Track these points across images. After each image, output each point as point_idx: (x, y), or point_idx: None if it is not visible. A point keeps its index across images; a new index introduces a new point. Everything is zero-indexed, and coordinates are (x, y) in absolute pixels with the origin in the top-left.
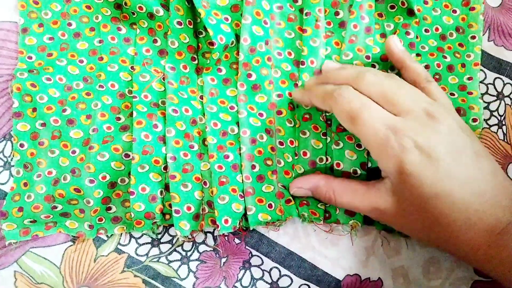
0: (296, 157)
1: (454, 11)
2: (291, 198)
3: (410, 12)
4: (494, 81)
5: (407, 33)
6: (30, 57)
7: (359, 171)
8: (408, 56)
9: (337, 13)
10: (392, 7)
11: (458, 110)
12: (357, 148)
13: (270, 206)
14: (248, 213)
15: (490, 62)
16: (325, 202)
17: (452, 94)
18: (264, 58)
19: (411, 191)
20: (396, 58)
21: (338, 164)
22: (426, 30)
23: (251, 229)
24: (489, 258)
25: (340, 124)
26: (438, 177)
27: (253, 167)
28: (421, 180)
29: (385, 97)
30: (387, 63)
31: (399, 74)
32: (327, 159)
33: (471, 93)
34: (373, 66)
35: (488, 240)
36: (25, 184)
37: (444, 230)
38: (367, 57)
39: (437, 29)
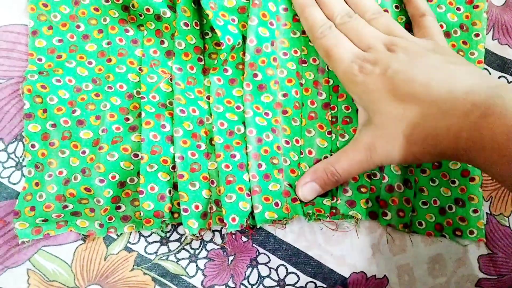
0: (301, 155)
1: (458, 9)
2: (297, 196)
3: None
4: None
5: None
6: (40, 59)
7: None
8: None
9: None
10: (397, 7)
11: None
12: None
13: (276, 204)
14: (255, 211)
15: (495, 60)
16: (331, 184)
17: None
18: (270, 58)
19: (380, 110)
20: None
21: None
22: None
23: (258, 227)
24: (472, 144)
25: (346, 116)
26: (395, 83)
27: (260, 166)
28: (383, 94)
29: (356, 35)
30: None
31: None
32: None
33: None
34: None
35: (467, 124)
36: (37, 184)
37: (421, 132)
38: None
39: (441, 26)
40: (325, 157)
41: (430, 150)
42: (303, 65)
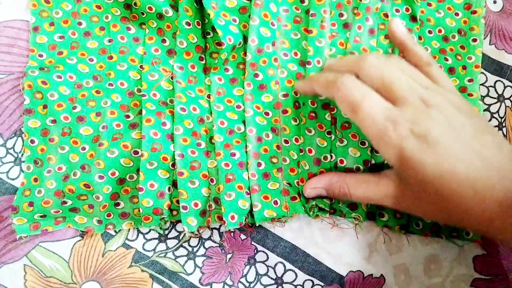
0: (301, 153)
1: (457, 14)
2: (296, 195)
3: (413, 19)
4: (495, 84)
5: None
6: (41, 55)
7: (362, 168)
8: (410, 39)
9: (341, 15)
10: (397, 10)
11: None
12: (361, 146)
13: (275, 203)
14: (254, 209)
15: (491, 65)
16: (339, 199)
17: None
18: (271, 58)
19: (415, 176)
20: (398, 40)
21: (341, 161)
22: (429, 32)
23: (256, 225)
24: (505, 229)
25: (345, 121)
26: (438, 158)
27: (259, 164)
28: (422, 164)
29: (384, 84)
30: None
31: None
32: (331, 157)
33: (471, 95)
34: None
35: (501, 211)
36: (36, 180)
37: (455, 207)
38: None
39: (440, 31)
40: (325, 157)
41: (458, 223)
42: (308, 66)
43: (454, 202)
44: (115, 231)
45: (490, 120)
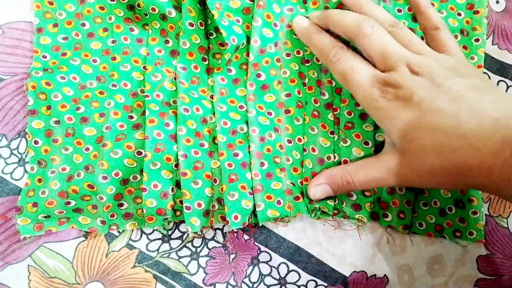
0: (305, 153)
1: (459, 14)
2: (299, 195)
3: (415, 19)
4: (498, 84)
5: None
6: (44, 56)
7: None
8: (424, 1)
9: None
10: (399, 10)
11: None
12: (365, 146)
13: (278, 202)
14: (257, 209)
15: (494, 65)
16: (344, 192)
17: None
18: (274, 59)
19: (409, 140)
20: (413, 1)
21: (345, 161)
22: None
23: (260, 225)
24: (503, 179)
25: (348, 121)
26: (425, 117)
27: (262, 164)
28: (411, 126)
29: (377, 55)
30: None
31: None
32: (334, 157)
33: None
34: None
35: (499, 161)
36: (39, 180)
37: (453, 165)
38: None
39: None
40: (328, 157)
41: (457, 182)
42: (306, 64)
43: (450, 159)
44: (118, 232)
45: None
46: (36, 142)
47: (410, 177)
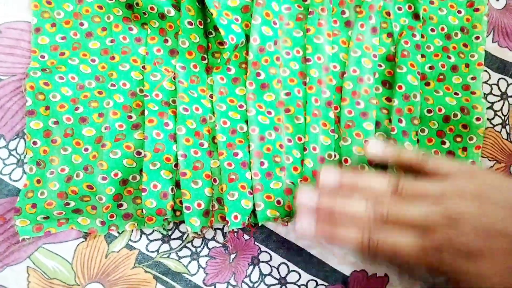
0: (305, 152)
1: (459, 12)
2: None
3: (416, 16)
4: (498, 82)
5: (413, 35)
6: (43, 56)
7: (366, 167)
8: (391, 151)
9: (343, 12)
10: (399, 8)
11: (462, 109)
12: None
13: (278, 202)
14: (256, 209)
15: (494, 63)
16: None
17: (456, 94)
18: (273, 57)
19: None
20: (384, 159)
21: (345, 160)
22: (432, 30)
23: (259, 225)
24: None
25: (349, 120)
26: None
27: (262, 164)
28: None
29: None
30: (392, 63)
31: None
32: (335, 155)
33: (474, 93)
34: (380, 66)
35: None
36: (38, 181)
37: None
38: (374, 56)
39: (442, 29)
40: (329, 155)
41: None
42: (308, 63)
43: None
44: (118, 232)
45: (493, 118)
46: (34, 143)
47: None
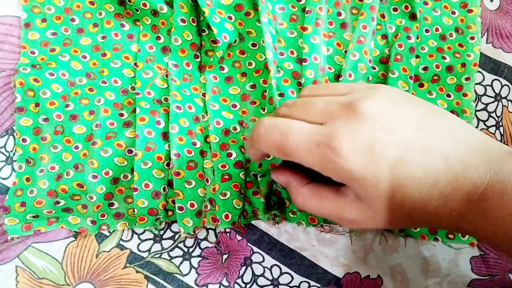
0: None
1: (453, 12)
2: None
3: (413, 17)
4: (492, 83)
5: (409, 37)
6: (33, 52)
7: None
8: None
9: (339, 14)
10: (395, 9)
11: (451, 112)
12: None
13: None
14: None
15: (488, 64)
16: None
17: (448, 96)
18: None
19: (372, 191)
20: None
21: None
22: (427, 30)
23: (250, 221)
24: (474, 226)
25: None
26: (383, 164)
27: (260, 165)
28: (368, 176)
29: (305, 108)
30: (386, 66)
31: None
32: None
33: (466, 95)
34: (374, 68)
35: (468, 209)
36: (28, 179)
37: (422, 214)
38: (369, 61)
39: (437, 30)
40: None
41: (424, 225)
42: (304, 63)
43: (416, 210)
44: (109, 232)
45: (487, 119)
46: (24, 140)
47: (370, 225)
